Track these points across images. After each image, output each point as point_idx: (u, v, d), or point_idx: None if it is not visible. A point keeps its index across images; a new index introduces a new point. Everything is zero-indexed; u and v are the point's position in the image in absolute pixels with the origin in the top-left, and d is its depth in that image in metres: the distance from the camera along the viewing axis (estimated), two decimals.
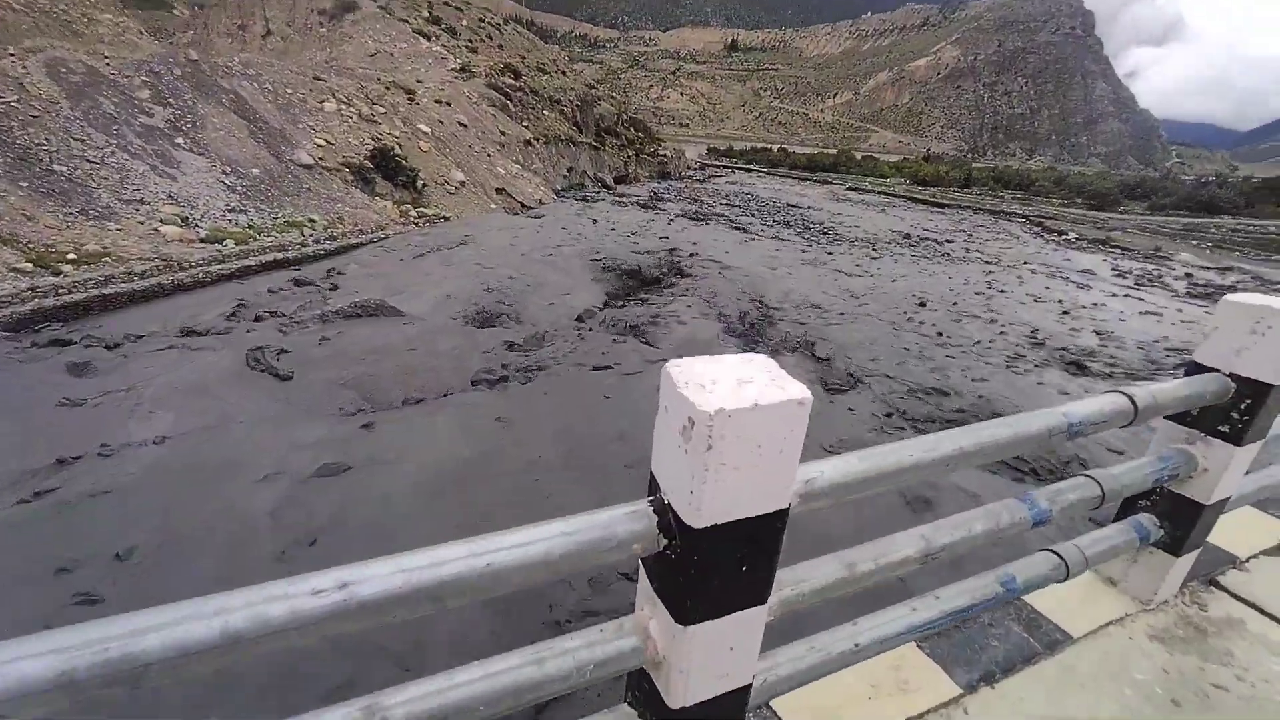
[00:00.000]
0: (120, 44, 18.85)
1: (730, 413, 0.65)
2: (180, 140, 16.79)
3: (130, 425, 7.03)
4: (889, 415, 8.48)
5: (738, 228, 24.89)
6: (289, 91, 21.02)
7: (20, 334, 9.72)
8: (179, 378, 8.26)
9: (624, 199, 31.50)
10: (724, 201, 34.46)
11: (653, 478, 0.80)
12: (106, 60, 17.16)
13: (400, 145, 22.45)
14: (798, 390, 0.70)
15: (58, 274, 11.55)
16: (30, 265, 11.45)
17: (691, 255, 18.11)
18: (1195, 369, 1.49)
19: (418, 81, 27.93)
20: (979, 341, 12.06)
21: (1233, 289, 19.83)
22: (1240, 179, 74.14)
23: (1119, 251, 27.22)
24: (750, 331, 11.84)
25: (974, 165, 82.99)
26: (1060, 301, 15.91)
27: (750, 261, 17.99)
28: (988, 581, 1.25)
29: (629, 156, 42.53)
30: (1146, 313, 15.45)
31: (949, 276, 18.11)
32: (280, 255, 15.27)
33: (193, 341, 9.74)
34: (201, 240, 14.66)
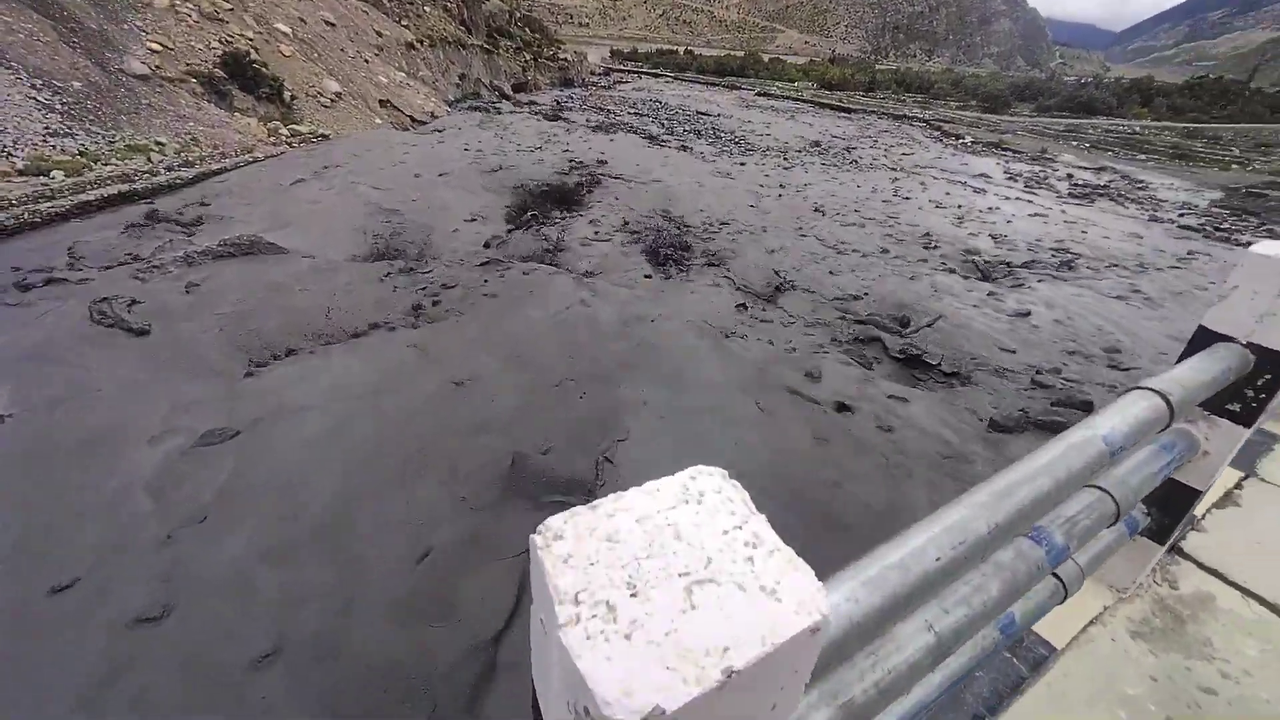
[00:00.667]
0: None
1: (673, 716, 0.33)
2: None
3: None
4: (810, 325, 8.57)
5: (649, 138, 23.86)
6: None
7: None
8: (13, 341, 7.00)
9: (525, 109, 29.24)
10: (632, 110, 32.82)
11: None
12: None
13: (256, 49, 19.38)
14: (808, 596, 0.37)
15: None
16: None
17: (601, 170, 17.20)
18: (1205, 337, 1.28)
19: None
20: (886, 251, 12.36)
21: (1105, 188, 21.40)
22: (1113, 80, 79.05)
23: (1010, 154, 28.55)
24: (666, 249, 11.50)
25: (878, 68, 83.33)
26: (959, 207, 16.53)
27: (663, 174, 17.34)
28: (985, 631, 1.06)
29: (526, 61, 39.23)
30: (1035, 215, 16.39)
31: (858, 185, 18.31)
32: (126, 187, 13.07)
33: (26, 297, 8.25)
34: (20, 173, 12.22)
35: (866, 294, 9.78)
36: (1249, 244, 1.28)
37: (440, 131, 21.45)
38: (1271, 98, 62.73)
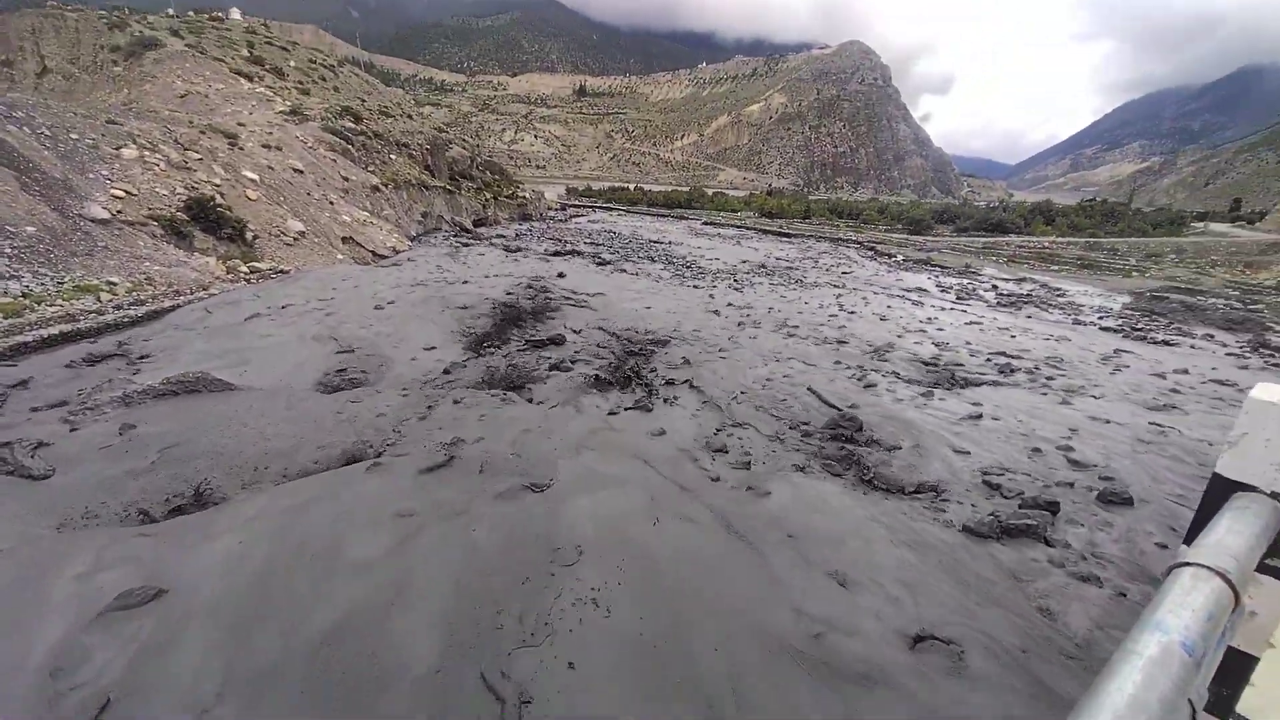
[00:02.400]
0: None
1: None
2: None
3: None
4: (780, 438, 8.56)
5: (603, 263, 25.02)
6: (73, 137, 18.01)
7: None
8: None
9: (485, 242, 30.58)
10: (587, 240, 34.68)
11: None
12: None
13: (222, 194, 20.04)
14: None
15: None
16: None
17: (560, 294, 17.75)
18: (1224, 487, 1.21)
19: (239, 125, 25.33)
20: (839, 363, 12.80)
21: (1029, 296, 23.19)
22: (1017, 203, 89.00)
23: (939, 269, 30.96)
24: (625, 375, 11.62)
25: (810, 198, 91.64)
26: (901, 318, 17.54)
27: (619, 298, 18.00)
28: None
29: (487, 199, 41.68)
30: (970, 323, 17.48)
31: (805, 302, 19.35)
32: (69, 327, 12.73)
33: None
34: None
35: (829, 406, 9.93)
36: (1248, 388, 1.25)
37: (400, 266, 22.03)
38: (1150, 215, 72.35)
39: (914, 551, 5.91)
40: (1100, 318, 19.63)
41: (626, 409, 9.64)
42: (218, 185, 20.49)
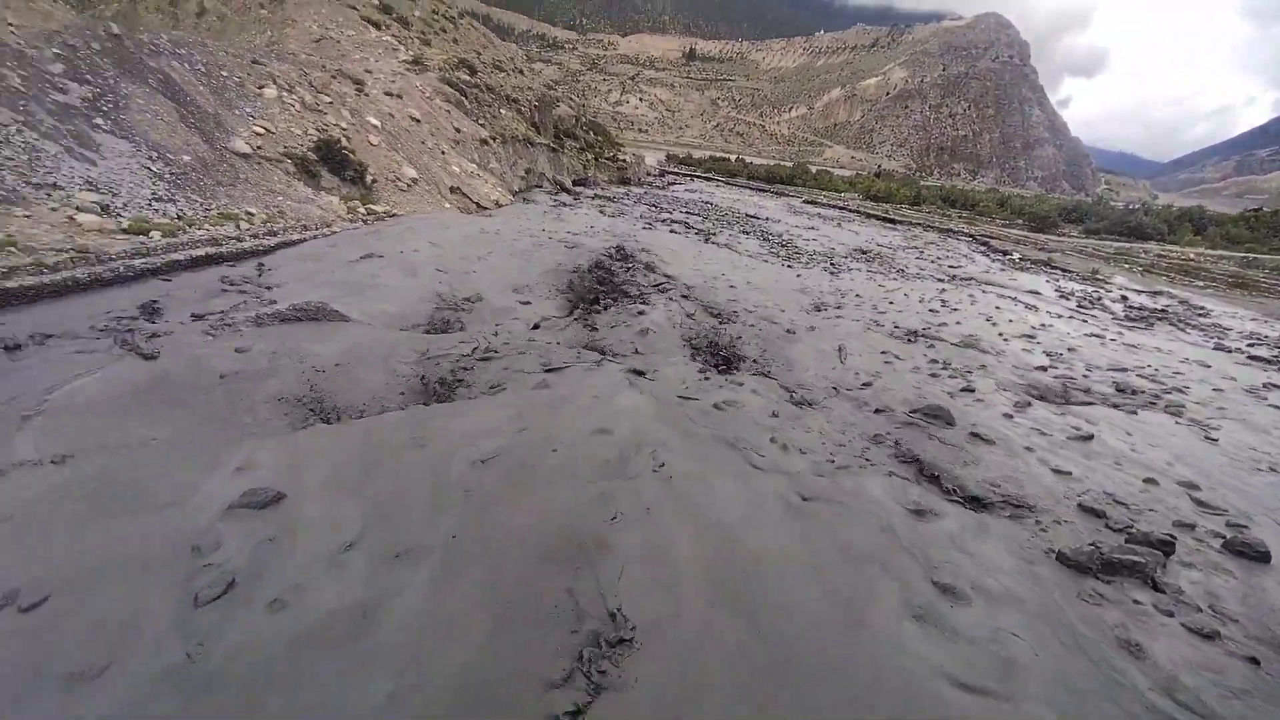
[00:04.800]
0: (29, 10, 17.13)
1: None
2: (100, 121, 15.34)
3: (33, 440, 6.12)
4: (847, 434, 8.30)
5: (699, 235, 24.76)
6: (224, 74, 19.62)
7: None
8: (88, 385, 7.32)
9: (583, 202, 30.96)
10: (684, 209, 34.35)
11: None
12: (11, 28, 15.55)
13: (348, 138, 21.31)
14: None
15: None
16: None
17: (651, 261, 17.78)
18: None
19: (366, 71, 26.68)
20: (935, 361, 12.13)
21: (1164, 312, 20.91)
22: (1162, 207, 79.43)
23: (1060, 273, 28.45)
24: (714, 350, 11.56)
25: (922, 183, 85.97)
26: (1010, 321, 16.32)
27: (710, 271, 17.80)
28: None
29: (588, 160, 41.99)
30: (1091, 335, 16.00)
31: (905, 294, 18.37)
32: (213, 250, 14.10)
33: (103, 344, 8.73)
34: (123, 231, 13.34)
35: (917, 406, 9.49)
36: None
37: (502, 218, 22.72)
38: None
39: (994, 577, 5.61)
40: (1250, 344, 17.42)
41: (704, 381, 9.63)
42: (344, 129, 21.79)
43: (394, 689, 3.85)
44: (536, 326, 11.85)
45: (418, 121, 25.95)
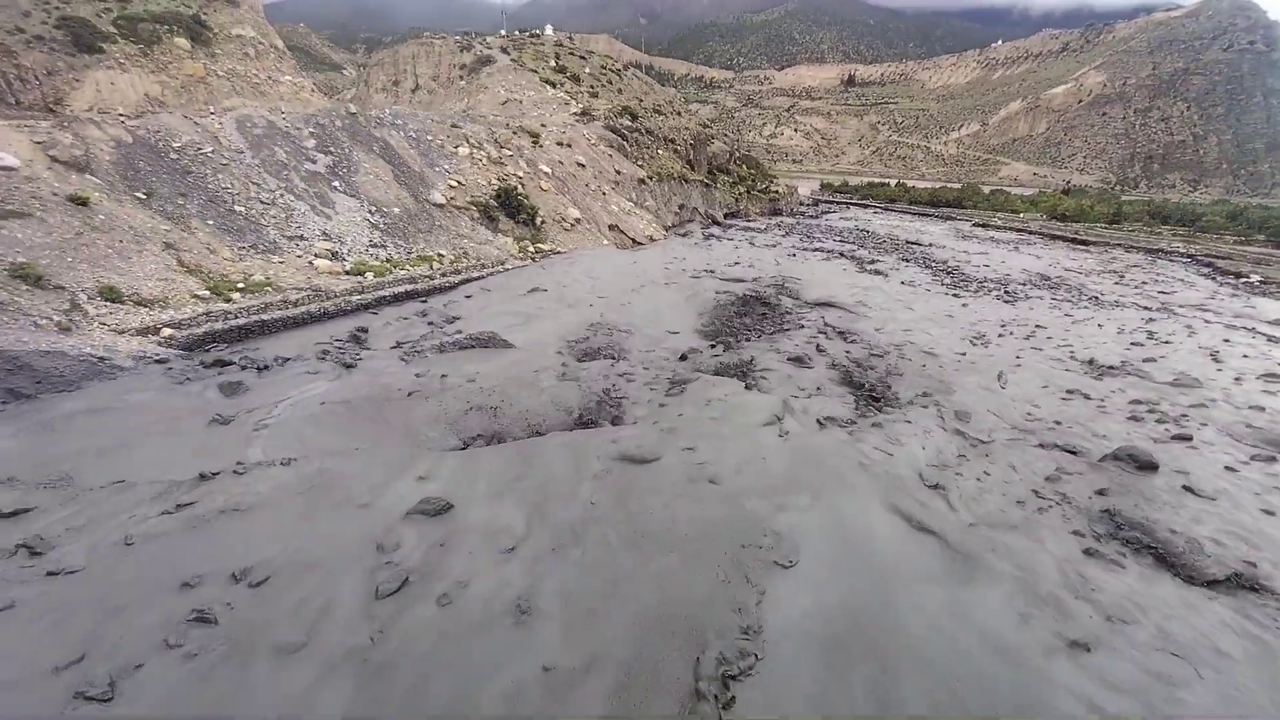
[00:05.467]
0: (295, 100, 21.67)
1: None
2: (336, 183, 18.81)
3: (264, 445, 7.66)
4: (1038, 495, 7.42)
5: (853, 262, 23.81)
6: (429, 138, 23.03)
7: (194, 352, 11.06)
8: (310, 401, 8.96)
9: (733, 234, 31.31)
10: (836, 237, 33.26)
11: None
12: (283, 115, 19.69)
13: (523, 185, 23.79)
14: None
15: (228, 300, 13.13)
16: (208, 292, 13.11)
17: (799, 292, 17.45)
18: None
19: (542, 125, 29.68)
20: (1139, 403, 10.43)
21: None
22: None
23: None
24: (865, 386, 11.04)
25: (1124, 198, 74.63)
26: (1245, 358, 13.51)
27: (864, 300, 17.02)
28: None
29: (740, 193, 42.46)
30: None
31: (1099, 325, 16.03)
32: (410, 287, 16.49)
33: (324, 366, 10.60)
34: (346, 272, 16.16)
35: (1109, 452, 8.25)
36: None
37: (655, 253, 23.74)
38: None
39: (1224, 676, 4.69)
40: None
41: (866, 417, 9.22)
42: (520, 178, 24.38)
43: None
44: (684, 357, 12.18)
45: (583, 166, 28.24)
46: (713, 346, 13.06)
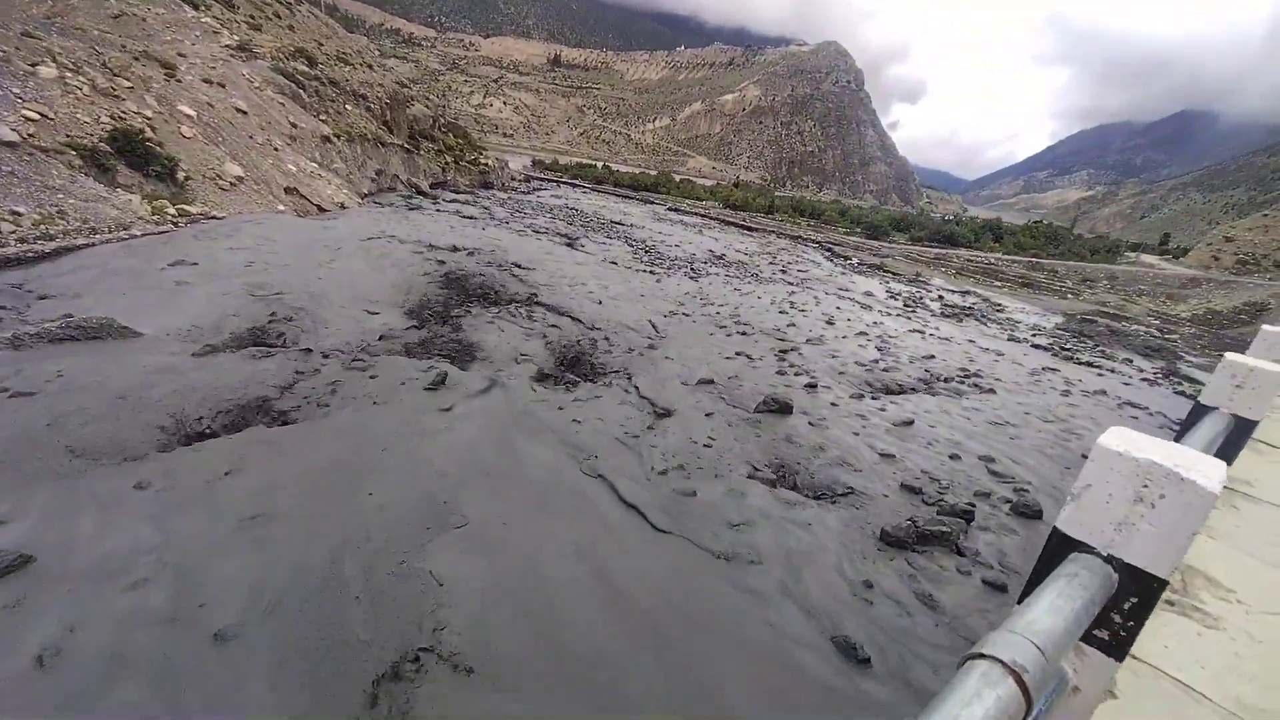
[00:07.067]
0: None
1: None
2: None
3: None
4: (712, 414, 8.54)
5: (563, 240, 24.56)
6: None
7: None
8: None
9: (440, 208, 29.52)
10: (547, 214, 33.98)
11: None
12: None
13: (153, 128, 18.58)
14: None
15: None
16: None
17: (511, 268, 17.29)
18: (1062, 544, 1.09)
19: (179, 55, 23.52)
20: (783, 358, 12.91)
21: (971, 309, 24.04)
22: (970, 218, 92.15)
23: (890, 276, 31.75)
24: (573, 358, 11.42)
25: (776, 194, 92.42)
26: (849, 321, 17.87)
27: (572, 276, 17.67)
28: None
29: (447, 163, 40.25)
30: (913, 330, 17.96)
31: (758, 297, 19.47)
32: None
33: None
34: None
35: (765, 403, 9.99)
36: (1097, 439, 1.08)
37: (345, 222, 21.01)
38: (1089, 242, 76.31)
39: (832, 573, 5.98)
40: (1033, 335, 20.50)
41: (566, 390, 9.46)
42: (149, 118, 18.98)
43: None
44: (382, 338, 10.98)
45: (244, 114, 23.31)
46: (416, 328, 12.05)
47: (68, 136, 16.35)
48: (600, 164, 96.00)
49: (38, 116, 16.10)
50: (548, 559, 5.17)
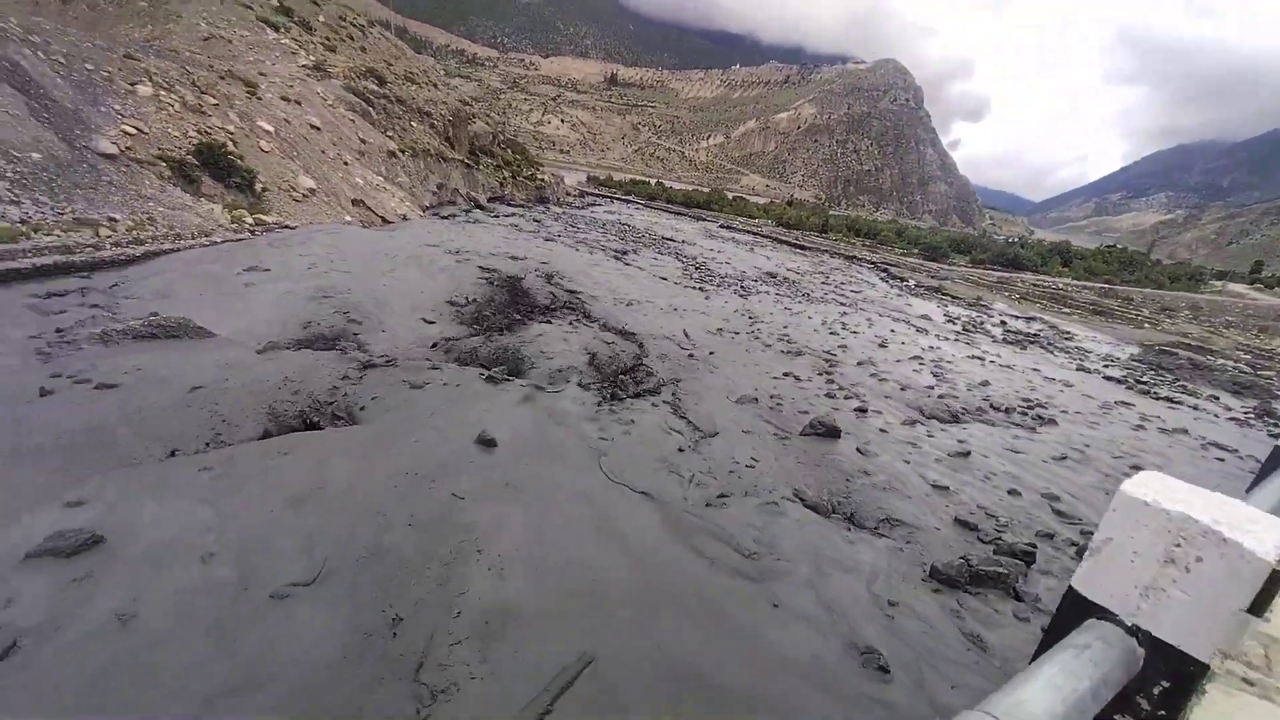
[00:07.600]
0: None
1: None
2: None
3: None
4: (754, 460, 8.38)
5: (613, 255, 24.81)
6: (89, 68, 17.81)
7: None
8: None
9: (497, 221, 30.35)
10: (600, 229, 34.45)
11: None
12: None
13: (235, 143, 19.85)
14: None
15: None
16: None
17: (562, 281, 17.55)
18: (1077, 607, 0.94)
19: (260, 74, 25.13)
20: (832, 380, 12.59)
21: (1036, 336, 22.93)
22: (1036, 241, 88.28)
23: (949, 299, 30.69)
24: (618, 371, 11.44)
25: (830, 213, 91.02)
26: (903, 344, 17.31)
27: (618, 291, 17.79)
28: None
29: (505, 178, 41.42)
30: (972, 357, 17.24)
31: (809, 317, 19.12)
32: (64, 258, 12.54)
33: None
34: None
35: (811, 425, 9.74)
36: (1128, 476, 0.90)
37: (407, 233, 21.83)
38: (1168, 269, 71.55)
39: (877, 608, 5.72)
40: (1105, 366, 19.36)
41: (611, 409, 9.47)
42: (231, 133, 20.30)
43: None
44: (435, 345, 11.29)
45: (317, 130, 24.64)
46: (471, 336, 12.35)
47: (159, 149, 17.63)
48: (654, 181, 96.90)
49: (134, 131, 17.44)
50: (581, 560, 5.14)
